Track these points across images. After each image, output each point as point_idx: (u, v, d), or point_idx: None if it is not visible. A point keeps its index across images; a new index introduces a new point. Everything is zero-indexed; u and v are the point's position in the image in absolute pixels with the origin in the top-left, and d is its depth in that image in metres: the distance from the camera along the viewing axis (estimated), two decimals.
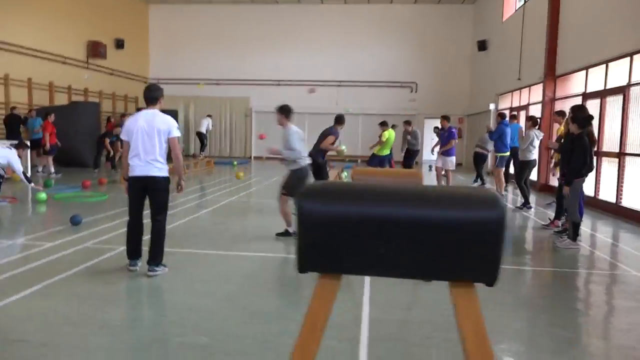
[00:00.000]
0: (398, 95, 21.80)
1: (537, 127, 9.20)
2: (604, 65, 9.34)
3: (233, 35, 22.19)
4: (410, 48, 21.62)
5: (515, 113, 13.35)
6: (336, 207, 1.63)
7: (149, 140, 4.38)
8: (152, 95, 4.54)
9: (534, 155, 9.13)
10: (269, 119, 22.55)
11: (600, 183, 9.34)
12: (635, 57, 8.28)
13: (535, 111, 12.63)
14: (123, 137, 4.53)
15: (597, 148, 9.33)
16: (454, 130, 10.85)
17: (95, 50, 17.84)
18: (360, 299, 4.08)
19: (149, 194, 4.47)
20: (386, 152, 11.45)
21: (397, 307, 4.03)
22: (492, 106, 16.59)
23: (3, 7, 13.82)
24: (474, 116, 19.73)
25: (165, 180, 4.48)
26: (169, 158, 4.55)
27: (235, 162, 18.52)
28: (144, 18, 22.42)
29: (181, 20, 22.36)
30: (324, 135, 8.23)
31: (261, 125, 22.59)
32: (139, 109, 19.72)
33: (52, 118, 12.14)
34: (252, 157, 22.63)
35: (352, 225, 1.62)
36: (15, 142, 9.56)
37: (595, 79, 9.76)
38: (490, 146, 11.86)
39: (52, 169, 12.09)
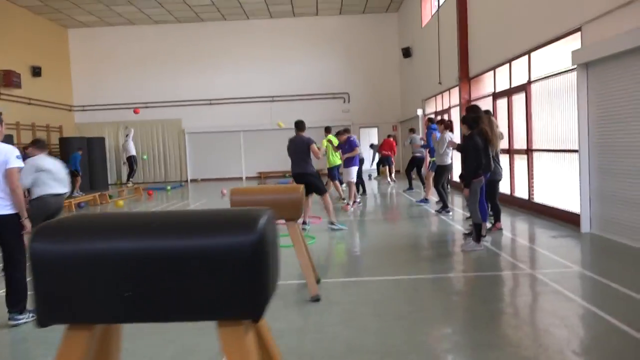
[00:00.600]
0: (331, 107, 21.79)
1: (449, 130, 9.23)
2: (508, 65, 9.51)
3: (160, 56, 21.64)
4: (339, 59, 21.69)
5: (440, 118, 13.49)
6: (70, 246, 1.36)
7: None
8: None
9: (450, 159, 9.15)
10: (203, 139, 22.18)
11: (515, 180, 9.45)
12: (533, 54, 8.44)
13: (456, 114, 12.79)
14: None
15: (509, 146, 9.45)
16: (353, 139, 10.67)
17: (8, 79, 16.88)
18: None
19: None
20: (338, 161, 10.83)
21: (286, 334, 3.73)
22: (419, 111, 16.77)
23: None
24: (406, 122, 19.93)
25: (9, 218, 4.02)
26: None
27: (169, 187, 17.88)
28: (64, 43, 21.51)
29: (103, 43, 21.59)
30: (306, 146, 7.53)
31: (195, 147, 22.07)
32: (61, 139, 18.82)
33: None
34: (189, 180, 22.00)
35: (90, 265, 1.34)
36: None
37: (503, 79, 9.93)
38: (418, 149, 11.99)
39: None
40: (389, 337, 3.61)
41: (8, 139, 14.94)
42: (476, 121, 6.20)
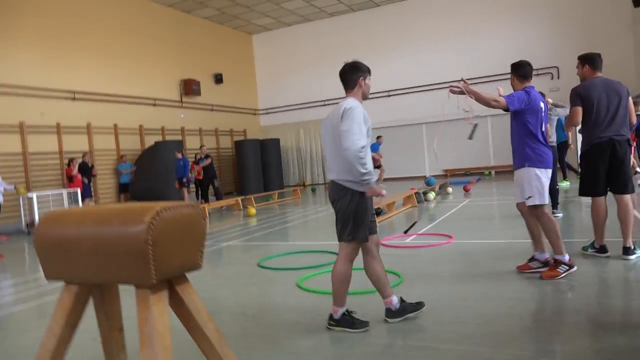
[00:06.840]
0: (537, 85, 17.31)
1: None
2: None
3: (335, 50, 20.29)
4: (542, 23, 17.19)
5: None
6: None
7: None
8: None
9: None
10: (383, 134, 19.99)
11: None
12: None
13: None
14: None
15: None
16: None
17: (188, 87, 17.57)
18: None
19: None
20: None
21: None
22: None
23: (91, 60, 14.04)
24: None
25: None
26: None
27: (314, 189, 16.28)
28: (248, 49, 21.94)
29: (283, 44, 21.38)
30: None
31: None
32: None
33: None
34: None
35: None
36: None
37: None
38: None
39: None
40: None
41: (176, 145, 15.27)
42: None
